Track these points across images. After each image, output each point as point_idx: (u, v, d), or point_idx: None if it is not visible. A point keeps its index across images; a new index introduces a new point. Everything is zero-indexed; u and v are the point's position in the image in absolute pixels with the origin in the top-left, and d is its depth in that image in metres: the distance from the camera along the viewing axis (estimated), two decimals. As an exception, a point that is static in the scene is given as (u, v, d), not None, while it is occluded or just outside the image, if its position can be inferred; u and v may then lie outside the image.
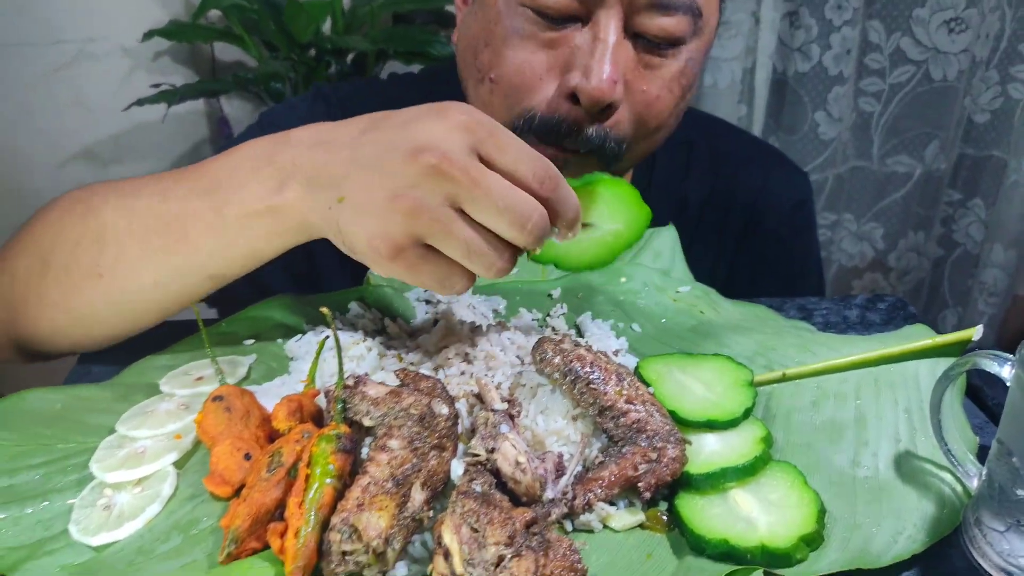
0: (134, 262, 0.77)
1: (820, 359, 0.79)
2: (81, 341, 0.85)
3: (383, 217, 0.65)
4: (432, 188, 0.63)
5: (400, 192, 0.64)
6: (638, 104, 0.90)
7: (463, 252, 0.65)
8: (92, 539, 0.62)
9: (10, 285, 0.84)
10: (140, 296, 0.79)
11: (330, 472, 0.61)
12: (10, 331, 0.86)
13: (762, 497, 0.63)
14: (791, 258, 1.22)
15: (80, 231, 0.80)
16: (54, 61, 2.33)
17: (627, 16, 0.85)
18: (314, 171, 0.70)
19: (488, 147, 0.65)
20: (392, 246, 0.65)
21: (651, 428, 0.66)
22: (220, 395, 0.70)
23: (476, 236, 0.65)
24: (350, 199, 0.67)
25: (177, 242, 0.76)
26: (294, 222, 0.72)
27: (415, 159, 0.63)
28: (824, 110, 2.16)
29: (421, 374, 0.70)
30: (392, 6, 2.22)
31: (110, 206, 0.79)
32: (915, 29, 2.08)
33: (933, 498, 0.65)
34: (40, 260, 0.81)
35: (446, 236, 0.64)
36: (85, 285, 0.79)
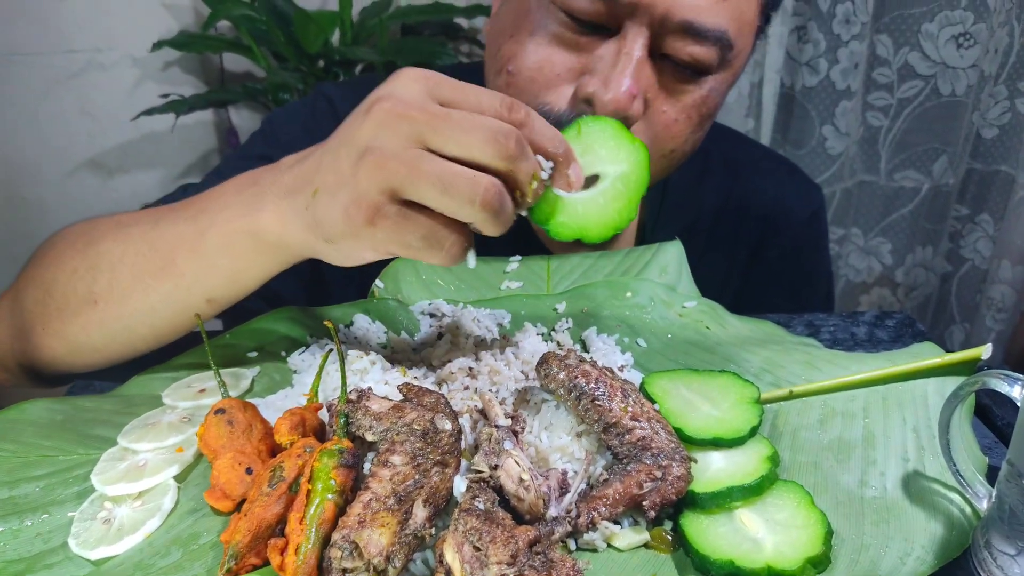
0: (126, 288, 0.78)
1: (827, 376, 0.79)
2: (83, 366, 0.85)
3: (352, 182, 0.62)
4: (393, 133, 0.61)
5: (363, 150, 0.62)
6: (656, 125, 0.90)
7: (439, 188, 0.60)
8: (91, 553, 0.61)
9: (20, 316, 0.85)
10: (133, 322, 0.80)
11: (332, 487, 0.60)
12: (20, 359, 0.87)
13: (768, 517, 0.62)
14: (805, 268, 1.21)
15: (78, 261, 0.81)
16: (63, 71, 2.34)
17: (656, 35, 0.85)
18: (291, 182, 0.70)
19: (444, 91, 0.64)
20: (367, 208, 0.62)
21: (656, 446, 0.65)
22: (222, 408, 0.69)
23: (449, 165, 0.61)
24: (323, 184, 0.65)
25: (164, 267, 0.76)
26: (272, 240, 0.71)
27: (369, 113, 0.62)
28: (832, 124, 2.16)
29: (425, 389, 0.69)
30: (400, 18, 2.23)
31: (109, 236, 0.81)
32: (924, 44, 2.08)
33: (942, 519, 0.64)
34: (44, 291, 0.82)
35: (417, 176, 0.60)
36: (82, 312, 0.80)
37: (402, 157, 0.61)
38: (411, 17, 2.24)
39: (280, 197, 0.70)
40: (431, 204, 0.62)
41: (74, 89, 2.37)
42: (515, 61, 0.90)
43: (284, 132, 1.10)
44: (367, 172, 0.61)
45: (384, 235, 0.63)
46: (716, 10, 0.84)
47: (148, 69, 2.38)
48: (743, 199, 1.18)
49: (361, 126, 0.63)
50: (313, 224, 0.67)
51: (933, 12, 2.05)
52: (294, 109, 1.14)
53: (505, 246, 1.04)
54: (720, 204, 1.18)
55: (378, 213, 0.62)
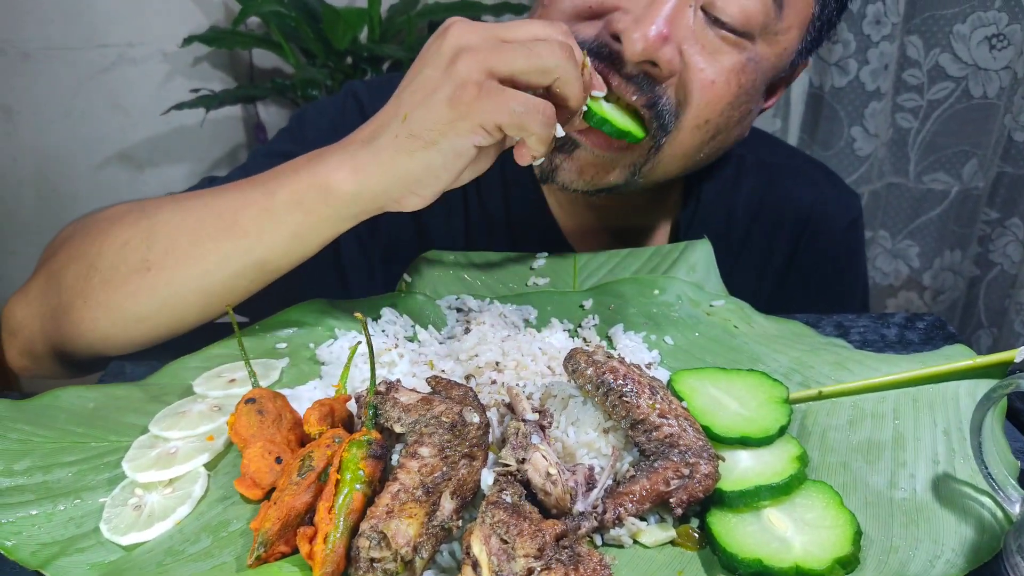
0: (183, 253, 0.80)
1: (857, 377, 0.78)
2: (124, 342, 0.86)
3: (450, 76, 0.71)
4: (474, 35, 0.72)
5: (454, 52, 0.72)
6: (692, 82, 0.86)
7: (527, 53, 0.71)
8: (122, 538, 0.62)
9: (56, 294, 0.86)
10: (185, 287, 0.81)
11: (360, 478, 0.60)
12: (54, 341, 0.88)
13: (797, 517, 0.62)
14: (842, 277, 1.20)
15: (130, 232, 0.83)
16: (95, 65, 2.37)
17: None
18: (369, 132, 0.77)
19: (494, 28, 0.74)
20: (473, 87, 0.70)
21: (684, 443, 0.65)
22: (253, 398, 0.70)
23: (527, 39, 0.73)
24: (412, 105, 0.74)
25: (227, 228, 0.79)
26: (346, 190, 0.76)
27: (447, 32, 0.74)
28: (861, 125, 2.14)
29: (453, 382, 0.69)
30: (428, 15, 2.24)
31: (167, 208, 0.83)
32: (955, 45, 2.06)
33: (972, 523, 0.64)
34: (87, 265, 0.83)
35: (507, 51, 0.71)
36: (132, 280, 0.81)
37: (491, 44, 0.72)
38: (438, 14, 2.25)
39: (358, 148, 0.76)
40: (522, 71, 0.72)
41: (106, 83, 2.39)
42: (552, 3, 0.90)
43: (311, 129, 1.11)
44: (464, 63, 0.71)
45: (491, 106, 0.71)
46: None
47: (178, 64, 2.40)
48: (779, 204, 1.17)
49: (441, 44, 0.73)
50: (407, 142, 0.73)
51: (965, 13, 2.02)
52: (322, 106, 1.15)
53: (532, 244, 1.04)
54: (755, 209, 1.17)
55: (482, 88, 0.71)
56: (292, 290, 0.92)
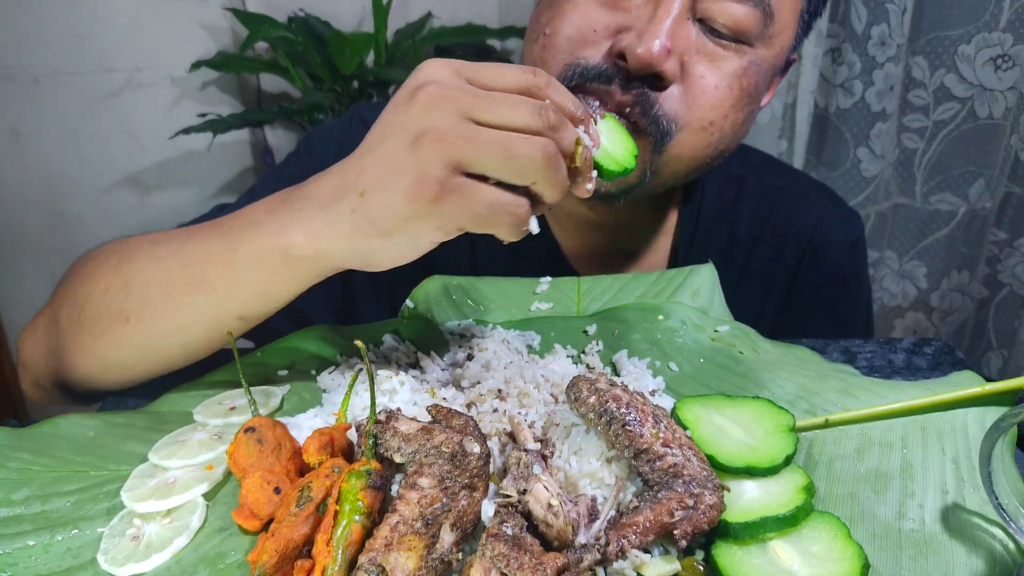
0: (157, 305, 0.78)
1: (864, 405, 0.77)
2: (112, 385, 0.86)
3: (412, 164, 0.64)
4: (443, 113, 0.64)
5: (418, 133, 0.64)
6: (694, 89, 0.89)
7: (502, 154, 0.63)
8: (120, 570, 0.61)
9: (55, 334, 0.86)
10: (165, 339, 0.80)
11: (359, 509, 0.60)
12: (55, 377, 0.88)
13: (803, 549, 0.61)
14: (845, 298, 1.19)
15: (110, 279, 0.82)
16: (103, 90, 2.39)
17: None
18: (327, 193, 0.70)
19: (470, 72, 0.67)
20: (433, 184, 0.63)
21: (688, 473, 0.64)
22: (252, 426, 0.69)
23: (506, 132, 0.64)
24: (370, 183, 0.67)
25: (195, 283, 0.77)
26: (304, 254, 0.72)
27: (412, 100, 0.65)
28: (866, 146, 2.13)
29: (453, 410, 0.69)
30: (434, 39, 2.25)
31: (141, 254, 0.82)
32: (960, 66, 2.06)
33: (983, 555, 0.62)
34: (77, 309, 0.83)
35: (480, 145, 0.63)
36: (113, 330, 0.80)
37: (460, 131, 0.63)
38: (444, 39, 2.26)
39: (315, 211, 0.71)
40: (495, 171, 0.64)
41: (113, 108, 2.41)
42: (552, 23, 0.91)
43: (319, 151, 1.11)
44: (428, 150, 0.63)
45: (452, 209, 0.64)
46: None
47: (186, 89, 2.42)
48: (780, 226, 1.17)
49: (407, 113, 0.65)
50: (364, 224, 0.68)
51: (970, 34, 2.02)
52: (329, 128, 1.15)
53: (535, 268, 1.03)
54: (756, 231, 1.17)
55: (444, 187, 0.63)
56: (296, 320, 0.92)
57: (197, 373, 0.84)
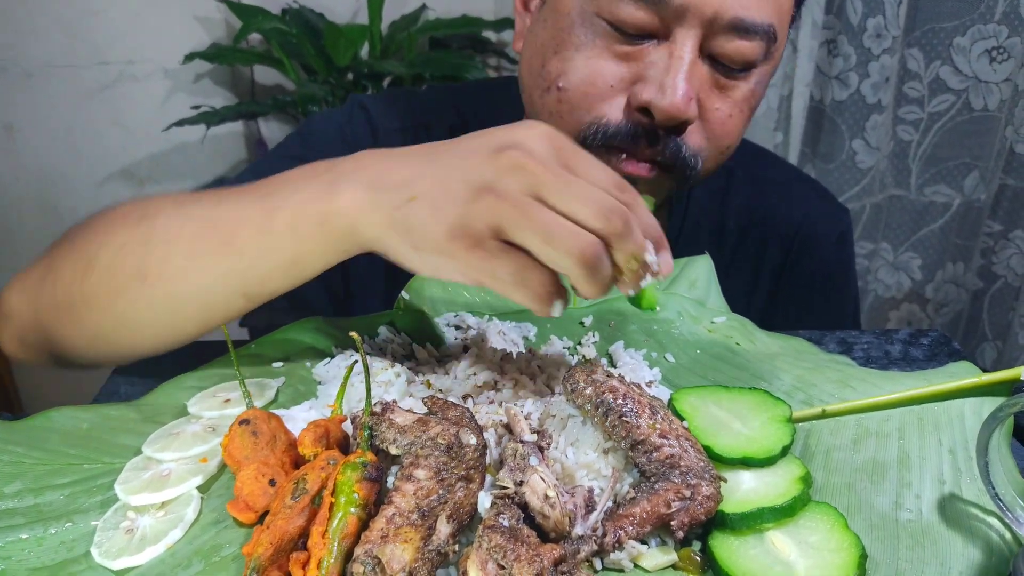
0: (180, 265, 0.76)
1: (861, 395, 0.77)
2: (121, 348, 0.83)
3: (464, 207, 0.64)
4: (515, 180, 0.63)
5: (482, 184, 0.64)
6: (712, 123, 0.90)
7: (543, 236, 0.62)
8: (113, 563, 0.61)
9: (52, 289, 0.82)
10: (184, 301, 0.78)
11: (355, 501, 0.59)
12: (51, 335, 0.85)
13: (800, 540, 0.61)
14: (832, 291, 1.20)
15: (129, 234, 0.79)
16: (96, 82, 2.38)
17: (705, 36, 0.85)
18: (377, 176, 0.69)
19: (567, 154, 0.66)
20: (472, 236, 0.64)
21: (685, 464, 0.64)
22: (247, 419, 0.69)
23: (557, 218, 0.62)
24: (424, 196, 0.66)
25: (224, 245, 0.75)
26: (343, 225, 0.70)
27: (499, 155, 0.64)
28: (862, 138, 2.13)
29: (449, 402, 0.68)
30: (429, 31, 2.24)
31: (164, 212, 0.79)
32: (955, 58, 2.05)
33: (980, 545, 0.62)
34: (86, 262, 0.80)
35: (527, 221, 0.62)
36: (129, 287, 0.78)
37: (517, 201, 0.63)
38: (439, 31, 2.25)
39: (363, 187, 0.69)
40: (532, 249, 0.63)
41: (107, 100, 2.40)
42: (565, 77, 0.89)
43: (320, 136, 1.10)
44: (483, 206, 0.63)
45: (478, 263, 0.65)
46: (761, 4, 0.84)
47: (180, 81, 2.40)
48: (768, 218, 1.17)
49: (485, 163, 0.65)
50: (402, 227, 0.67)
51: (965, 26, 2.02)
52: (330, 116, 1.14)
53: None
54: (744, 223, 1.17)
55: (479, 244, 0.64)
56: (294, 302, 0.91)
57: (193, 364, 0.84)
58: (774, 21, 0.86)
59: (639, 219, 0.66)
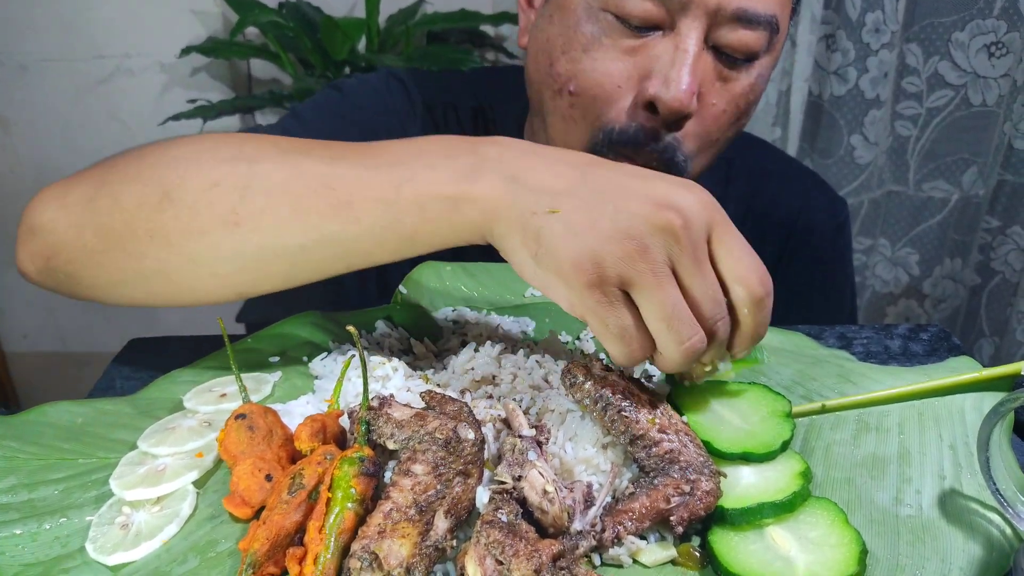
0: (282, 219, 0.71)
1: (861, 390, 0.77)
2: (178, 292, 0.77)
3: (603, 245, 0.62)
4: (661, 244, 0.62)
5: (631, 233, 0.62)
6: (706, 118, 0.89)
7: (663, 313, 0.62)
8: (108, 558, 0.61)
9: (109, 213, 0.76)
10: (275, 256, 0.73)
11: (352, 496, 0.59)
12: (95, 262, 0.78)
13: (801, 535, 0.60)
14: (828, 282, 1.20)
15: (222, 173, 0.73)
16: (92, 76, 2.37)
17: (710, 27, 0.85)
18: (524, 173, 0.67)
19: (720, 230, 0.65)
20: (598, 277, 0.62)
21: (684, 459, 0.63)
22: (243, 413, 0.68)
23: (682, 302, 0.63)
24: (568, 215, 0.63)
25: (338, 208, 0.70)
26: (475, 215, 0.67)
27: (659, 210, 0.62)
28: (860, 134, 2.13)
29: (447, 397, 0.68)
30: (427, 25, 2.23)
31: (268, 158, 0.73)
32: (954, 53, 2.05)
33: (981, 540, 0.62)
34: (160, 193, 0.73)
35: (656, 292, 0.62)
36: (216, 230, 0.72)
37: (656, 267, 0.62)
38: (437, 24, 2.24)
39: (506, 180, 0.66)
40: (648, 319, 0.63)
41: (103, 94, 2.39)
42: (576, 80, 0.89)
43: (362, 98, 1.08)
44: (622, 254, 0.62)
45: (593, 304, 0.63)
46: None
47: (176, 75, 2.39)
48: (766, 209, 1.17)
49: (640, 212, 0.62)
50: (532, 234, 0.64)
51: (964, 21, 2.01)
52: (366, 81, 1.12)
53: None
54: (743, 213, 1.17)
55: (602, 286, 0.62)
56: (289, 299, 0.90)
57: (189, 359, 0.83)
58: (776, 12, 0.86)
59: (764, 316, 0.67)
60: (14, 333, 2.67)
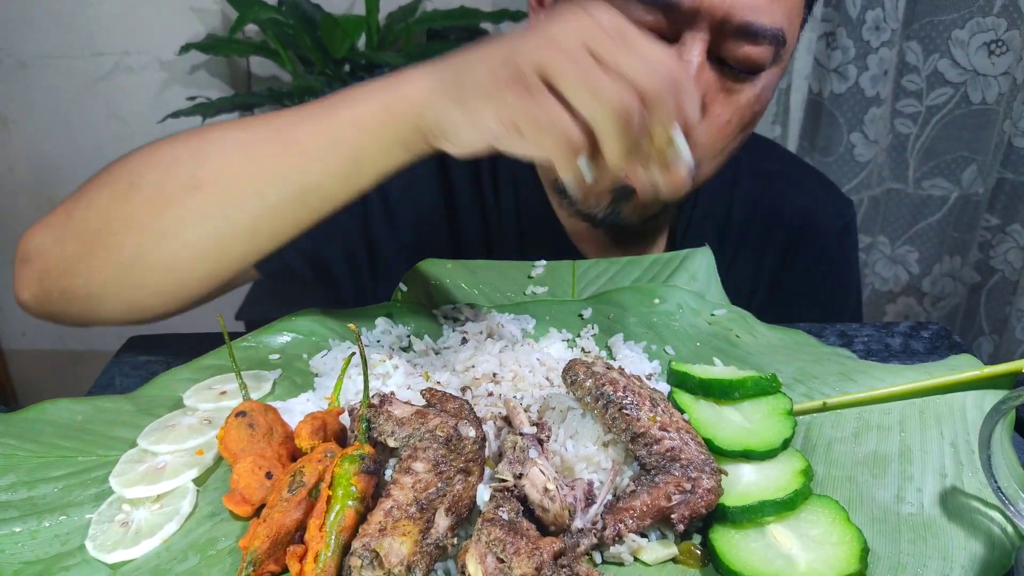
0: (236, 169, 0.75)
1: (862, 388, 0.76)
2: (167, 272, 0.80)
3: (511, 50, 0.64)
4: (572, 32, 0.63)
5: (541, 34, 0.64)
6: (711, 128, 0.89)
7: (585, 84, 0.61)
8: (108, 556, 0.60)
9: (84, 217, 0.80)
10: (237, 209, 0.76)
11: (352, 494, 0.59)
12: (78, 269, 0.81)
13: (802, 533, 0.60)
14: (834, 282, 1.19)
15: (180, 150, 0.78)
16: (91, 74, 2.36)
17: (714, 40, 0.84)
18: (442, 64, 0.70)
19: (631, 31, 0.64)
20: (514, 72, 0.63)
21: (686, 457, 0.63)
22: (243, 411, 0.68)
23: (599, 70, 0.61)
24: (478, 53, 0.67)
25: (284, 144, 0.74)
26: (406, 114, 0.70)
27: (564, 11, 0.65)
28: (860, 131, 2.12)
29: (448, 394, 0.68)
30: (427, 22, 2.23)
31: (223, 129, 0.78)
32: (954, 51, 2.05)
33: (982, 539, 0.62)
34: (127, 184, 0.78)
35: (574, 67, 0.61)
36: (179, 198, 0.76)
37: (569, 50, 0.62)
38: (437, 22, 2.23)
39: (428, 75, 0.70)
40: (573, 97, 0.62)
41: (102, 92, 2.38)
42: None
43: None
44: (531, 47, 0.63)
45: (515, 101, 0.63)
46: (772, 9, 0.83)
47: (175, 72, 2.39)
48: (773, 209, 1.17)
49: (553, 16, 0.65)
50: (452, 85, 0.67)
51: (964, 19, 2.01)
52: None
53: (532, 249, 1.02)
54: (749, 213, 1.17)
55: (520, 81, 0.63)
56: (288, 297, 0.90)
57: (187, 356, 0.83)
58: (783, 25, 0.85)
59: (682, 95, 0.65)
60: (13, 330, 2.67)
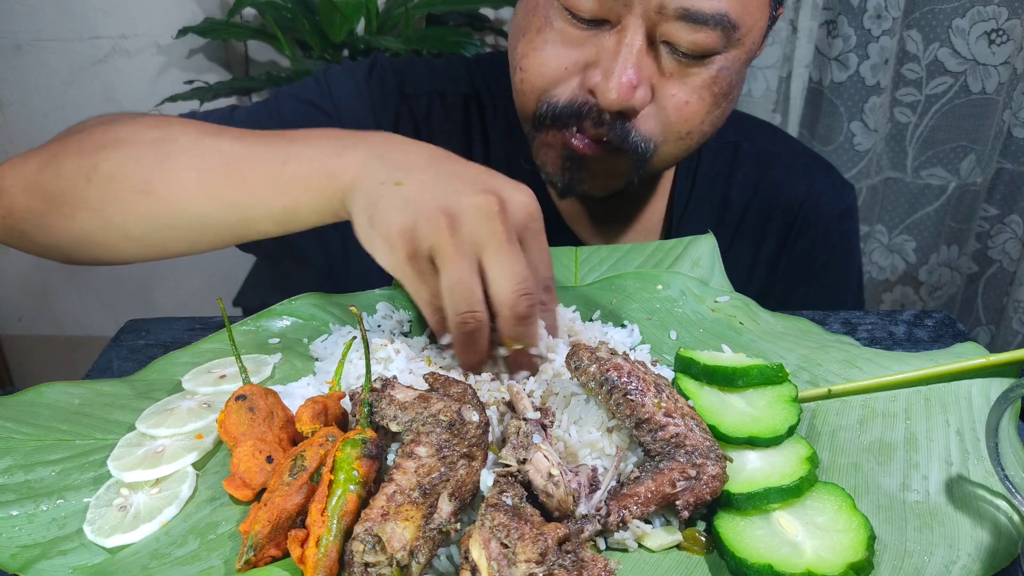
0: (188, 188, 0.79)
1: (867, 375, 0.76)
2: (104, 252, 0.85)
3: (424, 217, 0.68)
4: (474, 223, 0.68)
5: (450, 209, 0.68)
6: (667, 109, 0.91)
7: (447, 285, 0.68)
8: (106, 540, 0.60)
9: (52, 180, 0.84)
10: (180, 221, 0.81)
11: (354, 478, 0.58)
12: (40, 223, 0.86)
13: (808, 520, 0.60)
14: (835, 266, 1.19)
15: (143, 150, 0.82)
16: (88, 57, 2.34)
17: (654, 24, 0.85)
18: (386, 152, 0.75)
19: (530, 233, 0.72)
20: (415, 247, 0.69)
21: (690, 443, 0.63)
22: (243, 394, 0.67)
23: (468, 280, 0.68)
24: (408, 188, 0.70)
25: (236, 180, 0.78)
26: (340, 186, 0.74)
27: (482, 194, 0.69)
28: (860, 120, 2.12)
29: (451, 378, 0.67)
30: (426, 7, 2.21)
31: (186, 137, 0.82)
32: (954, 40, 2.04)
33: (988, 527, 0.62)
34: (91, 164, 0.82)
35: (449, 262, 0.68)
36: (129, 197, 0.80)
37: (461, 246, 0.68)
38: (436, 7, 2.21)
39: (370, 155, 0.74)
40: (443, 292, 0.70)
41: (99, 75, 2.36)
42: (526, 59, 0.93)
43: (340, 86, 1.11)
44: (434, 228, 0.68)
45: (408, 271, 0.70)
46: None
47: (173, 56, 2.37)
48: (773, 192, 1.16)
49: (466, 193, 0.69)
50: (374, 200, 0.71)
51: (965, 7, 2.00)
52: (353, 69, 1.15)
53: None
54: (749, 196, 1.16)
55: (416, 258, 0.69)
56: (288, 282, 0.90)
57: (188, 340, 0.82)
58: (727, 10, 0.85)
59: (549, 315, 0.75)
60: (9, 316, 2.65)
